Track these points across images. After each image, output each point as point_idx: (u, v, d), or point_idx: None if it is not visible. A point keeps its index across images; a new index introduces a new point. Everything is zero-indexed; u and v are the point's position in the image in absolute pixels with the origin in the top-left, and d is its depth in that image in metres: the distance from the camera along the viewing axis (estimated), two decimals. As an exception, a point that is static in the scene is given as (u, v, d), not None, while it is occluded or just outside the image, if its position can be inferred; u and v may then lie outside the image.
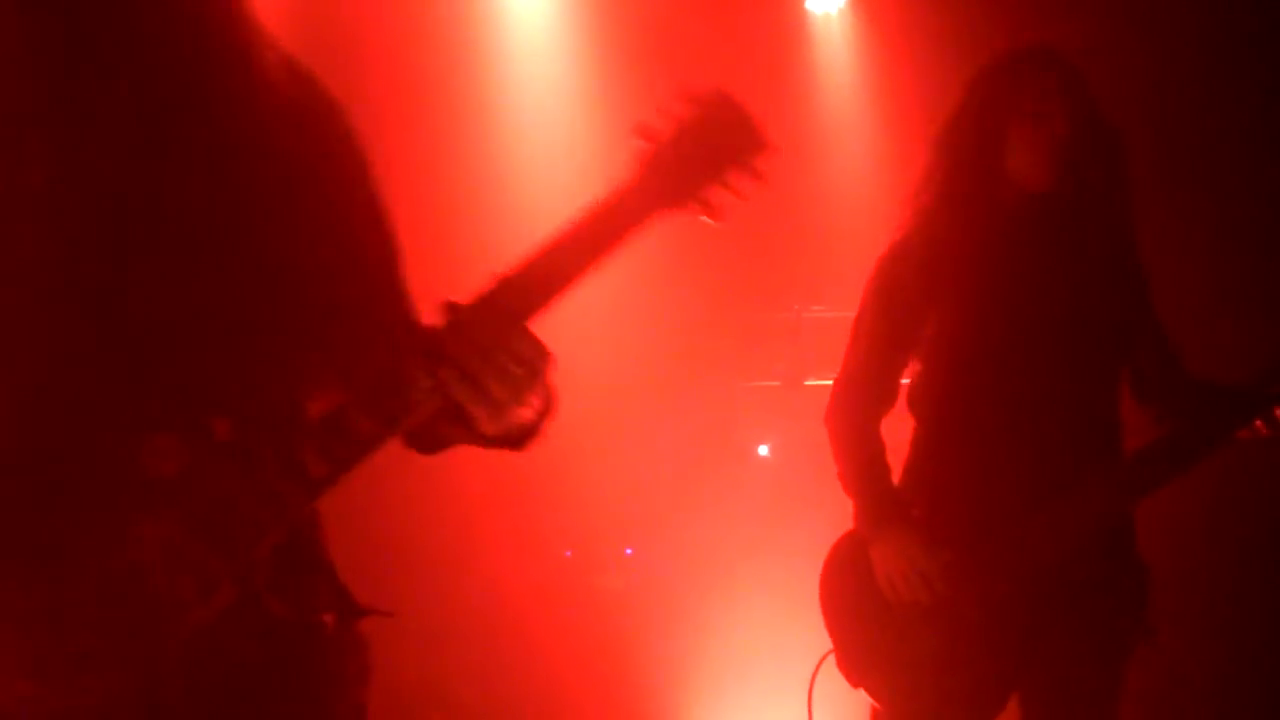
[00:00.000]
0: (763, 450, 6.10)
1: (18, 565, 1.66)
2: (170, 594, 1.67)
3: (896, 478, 3.24)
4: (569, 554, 6.20)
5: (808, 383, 5.87)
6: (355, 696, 1.91)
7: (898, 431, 3.31)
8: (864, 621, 3.13)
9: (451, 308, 1.78)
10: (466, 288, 1.82)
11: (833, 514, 3.30)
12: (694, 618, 5.70)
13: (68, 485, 1.70)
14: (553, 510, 6.03)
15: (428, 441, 1.98)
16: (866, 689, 3.11)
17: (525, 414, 1.84)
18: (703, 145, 1.88)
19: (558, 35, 6.57)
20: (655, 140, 1.88)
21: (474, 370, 1.74)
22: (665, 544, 5.98)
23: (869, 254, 3.30)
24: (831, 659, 3.20)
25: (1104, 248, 3.13)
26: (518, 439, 1.90)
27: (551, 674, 5.53)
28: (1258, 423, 3.09)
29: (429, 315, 1.86)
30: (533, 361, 1.78)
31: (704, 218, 1.91)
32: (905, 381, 3.30)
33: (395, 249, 2.00)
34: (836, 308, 4.35)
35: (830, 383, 3.33)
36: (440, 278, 1.99)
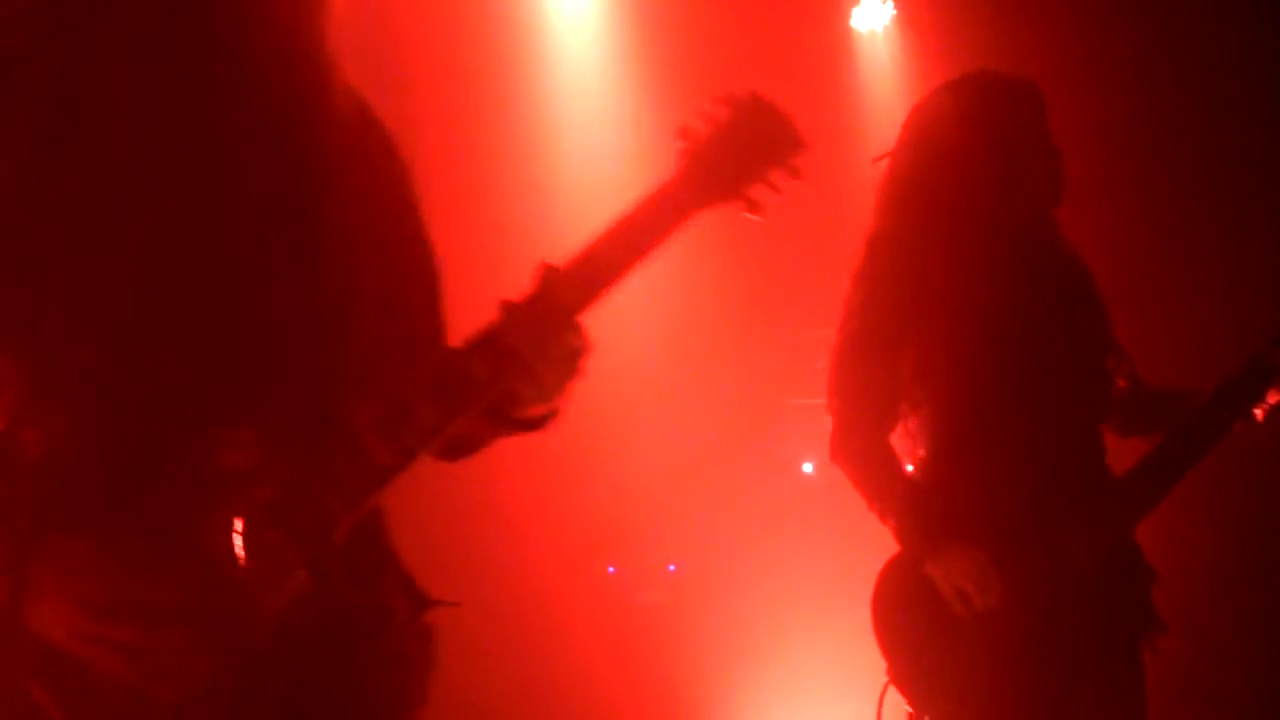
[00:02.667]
0: (808, 467, 6.10)
1: (108, 559, 1.73)
2: (251, 582, 1.74)
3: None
4: (612, 570, 6.21)
5: (853, 399, 5.85)
6: (422, 684, 2.01)
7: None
8: (927, 645, 3.08)
9: (508, 303, 1.87)
10: (511, 286, 1.91)
11: (879, 532, 3.28)
12: (737, 635, 5.69)
13: (150, 476, 1.76)
14: (596, 526, 6.04)
15: (463, 443, 2.07)
16: (933, 714, 3.07)
17: (560, 400, 1.96)
18: (741, 144, 1.96)
19: (604, 53, 6.60)
20: (696, 140, 1.96)
21: (532, 361, 1.85)
22: (709, 560, 5.97)
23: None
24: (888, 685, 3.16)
25: (1074, 266, 3.23)
26: (544, 423, 2.02)
27: (594, 689, 5.54)
28: (1236, 424, 3.15)
29: (475, 318, 1.94)
30: (579, 353, 1.91)
31: (746, 214, 1.98)
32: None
33: (436, 269, 2.13)
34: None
35: None
36: (486, 276, 2.07)
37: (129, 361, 1.79)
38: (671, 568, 6.17)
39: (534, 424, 2.02)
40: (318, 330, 1.89)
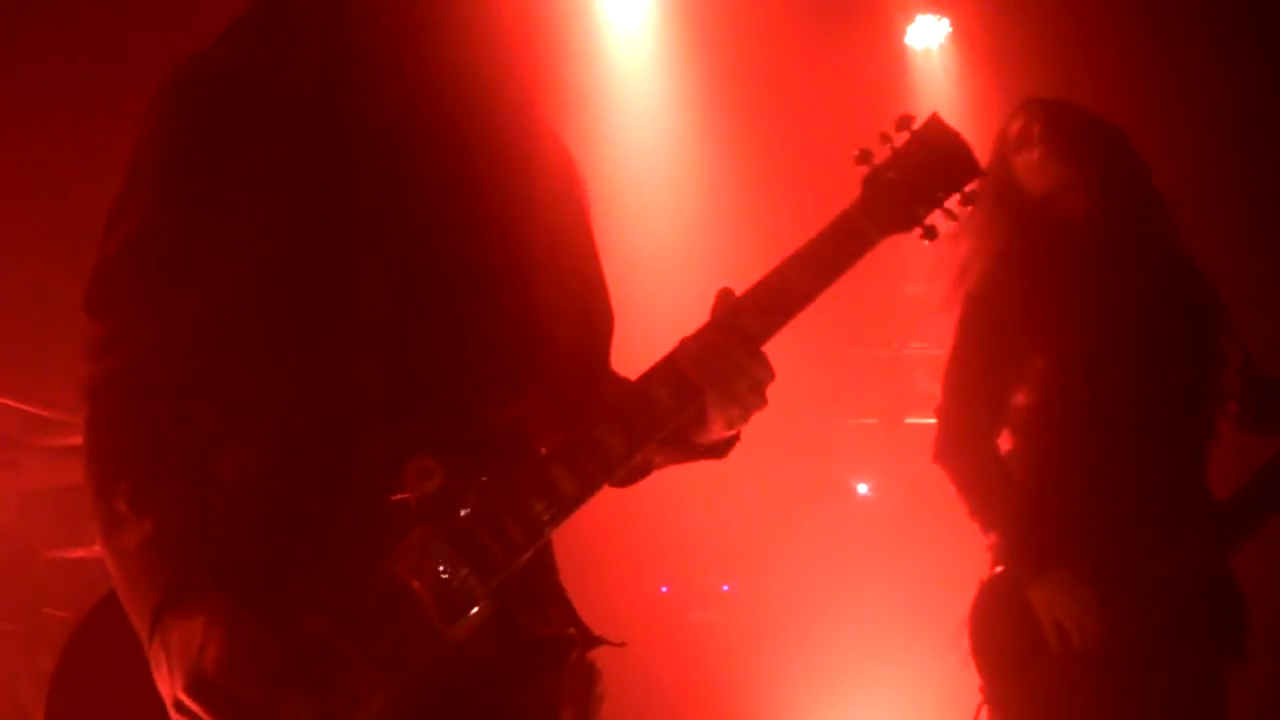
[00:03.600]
0: (862, 489, 6.06)
1: (295, 587, 1.75)
2: (435, 609, 1.75)
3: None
4: (665, 590, 6.19)
5: (907, 420, 5.82)
6: (593, 716, 2.01)
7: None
8: (1026, 668, 3.02)
9: (698, 332, 1.91)
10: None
11: (935, 554, 3.25)
12: (791, 655, 5.66)
13: (338, 504, 1.80)
14: (649, 545, 6.03)
15: (638, 469, 2.09)
16: None
17: (742, 426, 2.00)
18: (921, 170, 1.98)
19: (658, 70, 6.62)
20: (876, 166, 1.99)
21: (714, 388, 1.89)
22: (762, 580, 5.95)
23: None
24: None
25: (1168, 271, 3.15)
26: (726, 449, 2.09)
27: (646, 709, 5.52)
28: None
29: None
30: (763, 381, 1.93)
31: (924, 240, 2.01)
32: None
33: (613, 312, 2.19)
34: (936, 345, 4.32)
35: (931, 421, 3.27)
36: None
37: (321, 391, 1.82)
38: (725, 587, 6.15)
39: (716, 450, 2.07)
40: (510, 363, 1.91)
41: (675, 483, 6.25)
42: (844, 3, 6.67)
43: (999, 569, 3.11)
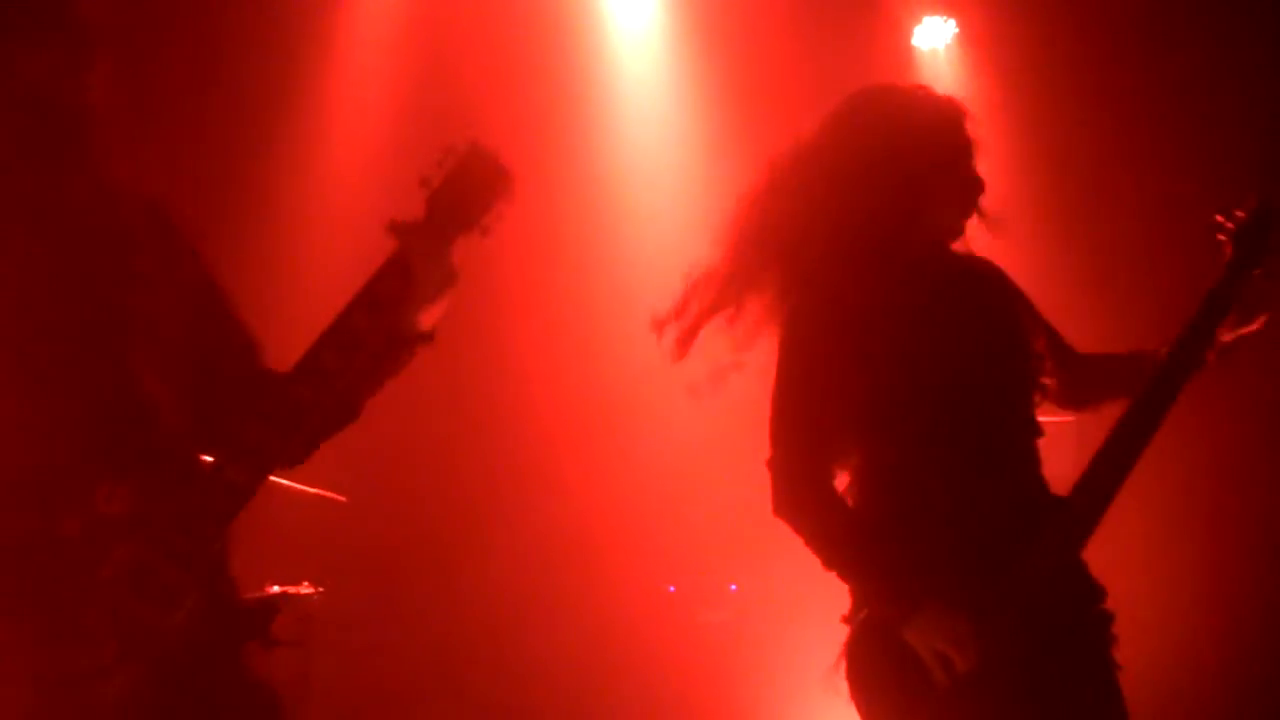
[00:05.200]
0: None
1: (19, 599, 2.06)
2: (147, 605, 2.07)
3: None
4: (673, 589, 6.20)
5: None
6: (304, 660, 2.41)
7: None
8: (913, 711, 2.95)
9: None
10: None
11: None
12: (799, 654, 5.66)
13: (48, 526, 2.10)
14: (658, 545, 6.05)
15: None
16: None
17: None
18: (468, 187, 2.32)
19: (666, 71, 6.64)
20: (434, 189, 2.32)
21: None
22: (770, 580, 5.95)
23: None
24: None
25: (979, 266, 3.07)
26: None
27: (656, 706, 5.54)
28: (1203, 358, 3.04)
29: None
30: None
31: (481, 237, 2.35)
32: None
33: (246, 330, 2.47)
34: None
35: None
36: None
37: (24, 432, 2.13)
38: (733, 587, 6.16)
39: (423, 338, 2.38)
40: (157, 402, 2.24)
41: (683, 482, 6.28)
42: (851, 4, 6.68)
43: (863, 613, 3.05)
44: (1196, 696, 5.62)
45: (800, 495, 3.02)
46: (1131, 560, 3.93)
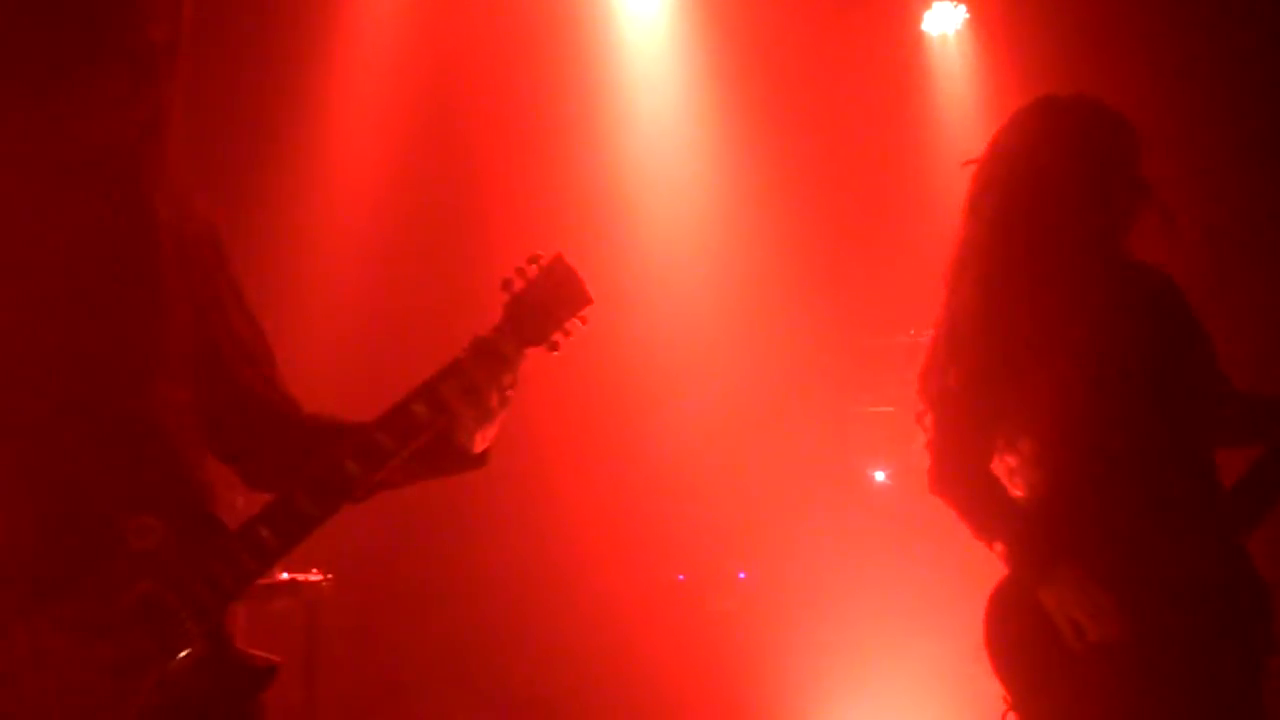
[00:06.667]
0: (879, 476, 6.06)
1: (35, 620, 2.00)
2: (158, 650, 2.04)
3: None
4: (682, 577, 6.20)
5: (924, 407, 5.80)
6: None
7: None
8: (1050, 672, 3.00)
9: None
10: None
11: (953, 541, 3.24)
12: (808, 642, 5.66)
13: (73, 556, 2.05)
14: (666, 533, 6.04)
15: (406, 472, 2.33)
16: None
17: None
18: (548, 299, 2.28)
19: (677, 58, 6.61)
20: (515, 293, 2.26)
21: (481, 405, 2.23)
22: (779, 568, 5.95)
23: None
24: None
25: (1164, 286, 3.16)
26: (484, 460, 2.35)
27: (664, 695, 5.53)
28: None
29: None
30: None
31: (550, 353, 2.30)
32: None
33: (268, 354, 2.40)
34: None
35: None
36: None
37: (59, 462, 2.08)
38: (742, 575, 6.15)
39: (478, 461, 2.34)
40: (193, 429, 2.21)
41: (692, 471, 6.26)
42: (860, -11, 6.66)
43: (1006, 576, 3.10)
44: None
45: (960, 472, 3.15)
46: None
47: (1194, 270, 3.30)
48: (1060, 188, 3.10)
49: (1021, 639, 3.01)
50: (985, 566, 3.18)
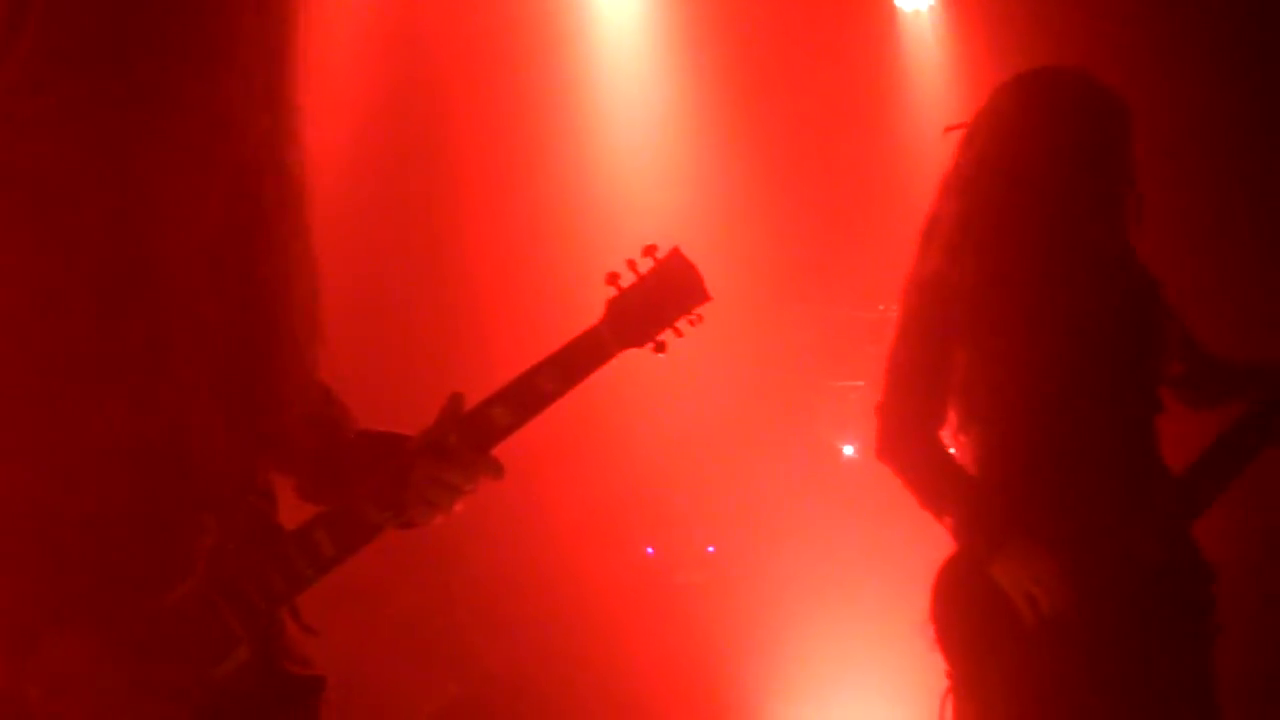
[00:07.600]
0: (848, 450, 6.07)
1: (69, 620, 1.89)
2: (198, 648, 1.95)
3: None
4: (650, 551, 6.20)
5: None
6: None
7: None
8: (995, 648, 2.99)
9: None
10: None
11: (920, 515, 3.24)
12: (776, 616, 5.68)
13: (128, 551, 1.95)
14: (634, 507, 6.04)
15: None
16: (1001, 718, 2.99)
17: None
18: (659, 297, 2.15)
19: (648, 36, 6.58)
20: (623, 291, 2.14)
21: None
22: (748, 542, 5.96)
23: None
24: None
25: (1122, 259, 3.16)
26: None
27: (632, 669, 5.54)
28: None
29: None
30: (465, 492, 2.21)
31: (655, 353, 2.21)
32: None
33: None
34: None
35: None
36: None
37: (149, 455, 1.97)
38: (710, 549, 6.16)
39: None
40: (277, 428, 2.10)
41: (661, 446, 6.24)
42: (833, -37, 6.63)
43: (954, 552, 3.09)
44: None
45: (906, 439, 3.14)
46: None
47: (1190, 257, 3.31)
48: (1030, 173, 3.10)
49: (969, 612, 3.01)
50: (950, 540, 3.19)
